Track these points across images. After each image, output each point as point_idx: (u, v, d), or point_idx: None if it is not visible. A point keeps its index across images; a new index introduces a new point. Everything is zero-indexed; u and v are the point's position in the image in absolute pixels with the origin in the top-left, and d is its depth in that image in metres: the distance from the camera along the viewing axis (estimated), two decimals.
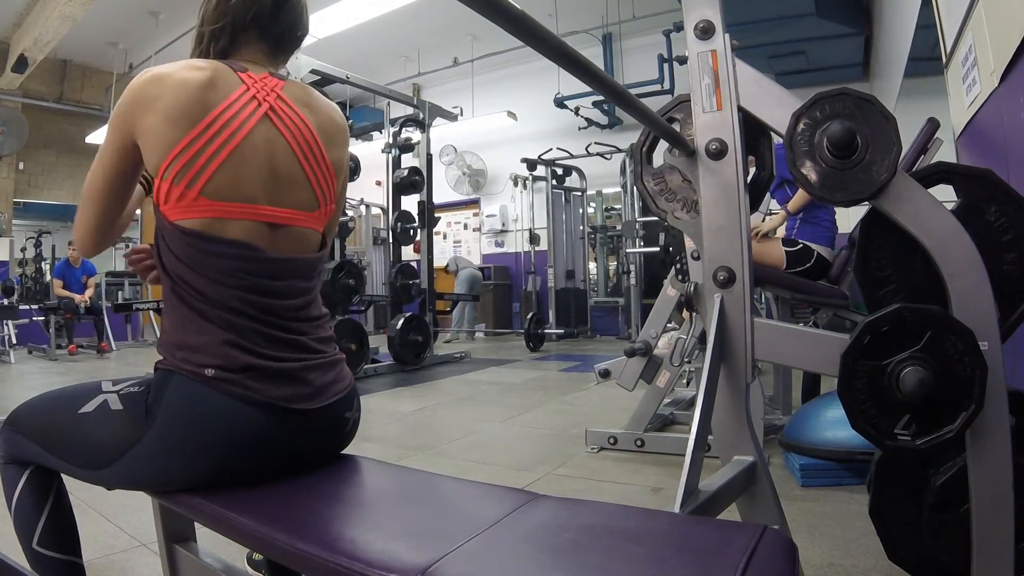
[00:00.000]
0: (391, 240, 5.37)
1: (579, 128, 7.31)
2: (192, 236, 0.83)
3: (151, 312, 6.94)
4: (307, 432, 0.89)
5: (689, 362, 2.44)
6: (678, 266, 2.32)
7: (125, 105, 0.85)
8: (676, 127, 1.13)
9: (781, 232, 2.64)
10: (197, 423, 0.81)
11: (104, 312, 6.65)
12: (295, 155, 0.91)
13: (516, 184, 7.78)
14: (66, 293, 6.47)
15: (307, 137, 0.92)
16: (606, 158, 7.14)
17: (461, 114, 6.58)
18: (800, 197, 2.50)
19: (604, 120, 7.38)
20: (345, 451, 1.00)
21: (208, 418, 0.81)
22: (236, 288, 0.84)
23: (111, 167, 0.87)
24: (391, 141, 5.40)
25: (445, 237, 9.24)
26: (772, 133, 1.05)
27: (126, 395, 0.86)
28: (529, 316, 6.47)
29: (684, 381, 3.28)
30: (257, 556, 1.28)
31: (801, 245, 2.44)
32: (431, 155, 5.64)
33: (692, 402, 2.81)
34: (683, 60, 5.88)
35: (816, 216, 2.51)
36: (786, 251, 2.42)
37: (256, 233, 0.86)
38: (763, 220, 2.77)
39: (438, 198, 6.24)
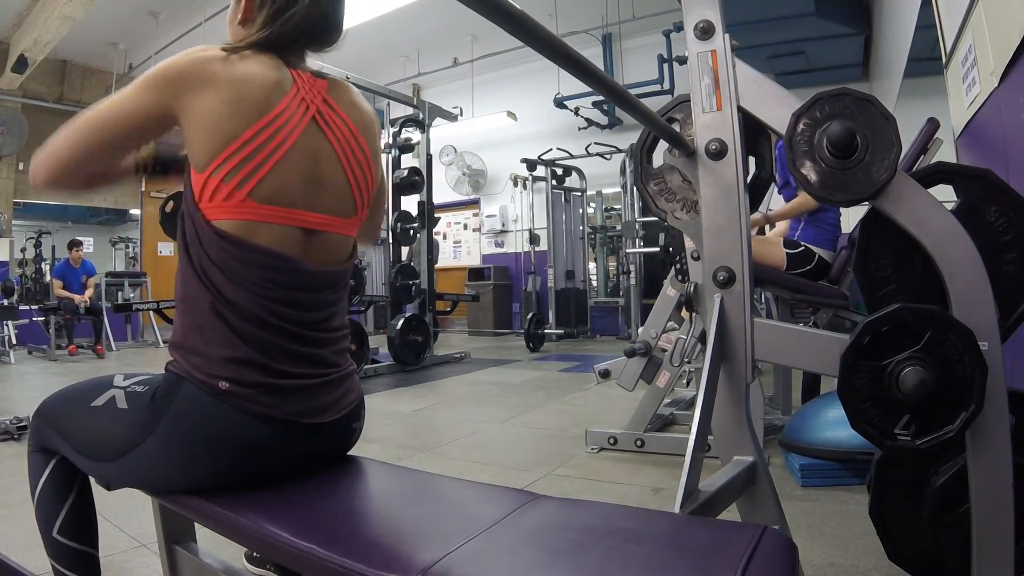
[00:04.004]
0: (391, 240, 5.37)
1: (579, 128, 7.29)
2: (228, 241, 0.80)
3: (151, 313, 6.93)
4: (314, 443, 0.89)
5: (689, 362, 2.44)
6: (678, 266, 2.32)
7: (177, 72, 0.79)
8: (676, 127, 1.13)
9: (783, 231, 2.62)
10: (204, 433, 0.81)
11: (104, 313, 6.65)
12: (339, 161, 0.89)
13: (516, 184, 7.78)
14: (66, 294, 6.47)
15: (351, 140, 0.91)
16: (606, 158, 7.13)
17: (461, 114, 6.57)
18: (787, 209, 2.47)
19: (604, 120, 7.37)
20: None
21: (216, 430, 0.81)
22: (265, 299, 0.82)
23: (126, 117, 0.80)
24: (391, 141, 5.41)
25: (445, 237, 9.24)
26: (772, 133, 1.05)
27: (132, 394, 0.86)
28: (529, 316, 6.47)
29: (684, 381, 3.28)
30: (256, 554, 1.28)
31: (803, 247, 2.43)
32: (431, 155, 5.64)
33: (692, 402, 2.81)
34: (683, 60, 5.88)
35: (820, 219, 2.48)
36: (787, 253, 2.41)
37: (292, 240, 0.84)
38: None
39: (438, 198, 6.24)
